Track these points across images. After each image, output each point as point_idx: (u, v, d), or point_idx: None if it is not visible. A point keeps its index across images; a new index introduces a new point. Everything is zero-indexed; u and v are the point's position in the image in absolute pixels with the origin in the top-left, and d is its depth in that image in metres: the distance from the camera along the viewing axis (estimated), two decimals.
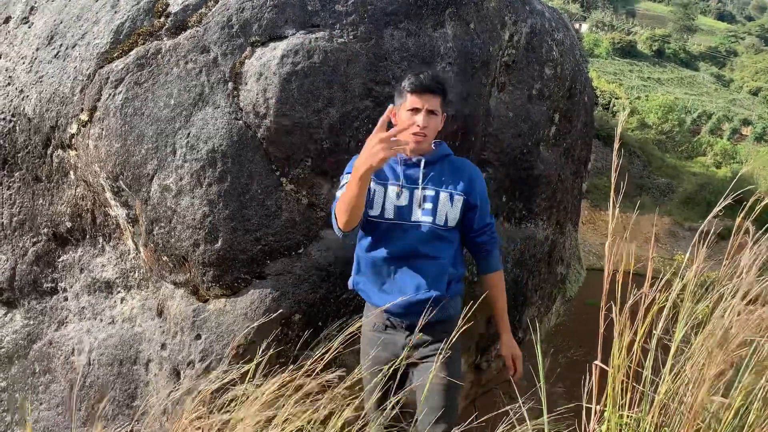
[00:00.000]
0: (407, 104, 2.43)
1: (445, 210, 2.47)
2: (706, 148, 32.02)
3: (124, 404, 3.12)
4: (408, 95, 2.43)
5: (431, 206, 2.46)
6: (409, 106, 2.42)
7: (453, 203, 2.48)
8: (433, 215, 2.46)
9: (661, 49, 55.06)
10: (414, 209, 2.46)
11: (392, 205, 2.46)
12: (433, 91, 2.42)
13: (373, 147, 2.11)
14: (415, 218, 2.46)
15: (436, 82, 2.43)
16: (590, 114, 4.63)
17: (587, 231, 12.61)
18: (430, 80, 2.42)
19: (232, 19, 2.91)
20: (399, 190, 2.46)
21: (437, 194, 2.47)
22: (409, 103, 2.42)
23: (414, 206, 2.46)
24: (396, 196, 2.47)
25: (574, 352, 4.02)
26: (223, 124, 2.80)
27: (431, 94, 2.41)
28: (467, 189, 2.51)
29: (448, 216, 2.47)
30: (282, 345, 2.86)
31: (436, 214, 2.46)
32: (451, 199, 2.48)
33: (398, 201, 2.47)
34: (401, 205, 2.46)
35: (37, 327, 3.47)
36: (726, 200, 1.56)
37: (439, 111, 2.45)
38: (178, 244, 2.87)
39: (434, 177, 2.49)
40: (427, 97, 2.40)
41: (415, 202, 2.46)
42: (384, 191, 2.48)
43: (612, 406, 1.47)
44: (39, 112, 3.20)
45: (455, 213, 2.49)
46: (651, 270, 1.49)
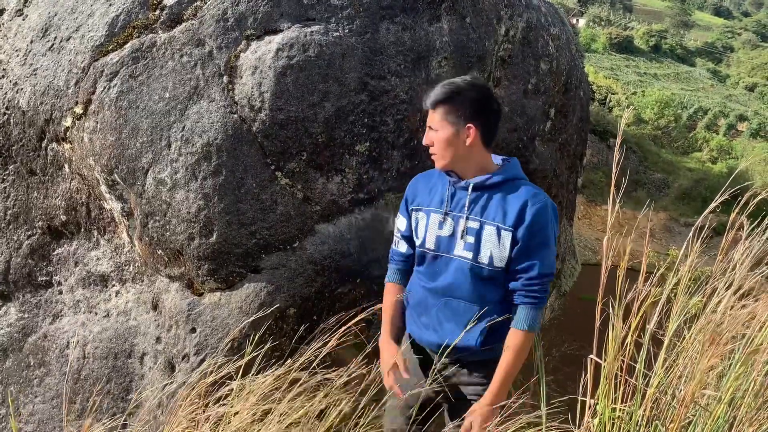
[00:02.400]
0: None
1: (489, 247, 2.11)
2: (702, 143, 32.08)
3: (119, 397, 3.12)
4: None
5: (473, 240, 2.13)
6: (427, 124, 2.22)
7: (500, 239, 2.10)
8: (474, 251, 2.13)
9: (657, 44, 55.08)
10: (456, 242, 2.16)
11: (434, 235, 2.20)
12: (430, 105, 2.16)
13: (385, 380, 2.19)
14: (456, 252, 2.16)
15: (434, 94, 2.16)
16: (586, 109, 4.63)
17: (583, 226, 12.65)
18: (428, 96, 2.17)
19: (228, 13, 2.90)
20: (442, 218, 2.18)
21: (482, 227, 2.12)
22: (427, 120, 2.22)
23: (457, 238, 2.15)
24: (438, 225, 2.19)
25: (568, 347, 4.03)
26: (218, 117, 2.80)
27: (430, 110, 2.17)
28: (517, 221, 2.09)
29: (493, 254, 2.10)
30: (277, 339, 2.86)
31: (479, 251, 2.12)
32: (498, 235, 2.10)
33: (440, 231, 2.19)
34: (443, 236, 2.18)
35: (32, 320, 3.47)
36: (722, 197, 1.57)
37: (440, 125, 2.14)
38: (173, 238, 2.87)
39: (481, 205, 2.14)
40: (429, 113, 2.18)
41: (458, 234, 2.15)
42: (426, 220, 2.23)
43: (605, 400, 1.48)
44: (33, 105, 3.18)
45: (503, 251, 2.10)
46: (645, 265, 1.49)
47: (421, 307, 2.28)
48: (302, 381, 1.95)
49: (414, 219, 2.28)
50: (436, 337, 2.21)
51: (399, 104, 3.00)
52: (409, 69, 3.05)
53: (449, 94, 2.14)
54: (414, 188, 2.33)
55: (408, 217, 2.32)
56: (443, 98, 2.14)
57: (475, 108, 2.13)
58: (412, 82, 3.04)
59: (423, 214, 2.25)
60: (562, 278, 4.68)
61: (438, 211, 2.20)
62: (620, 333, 1.48)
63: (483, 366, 2.23)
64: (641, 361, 1.47)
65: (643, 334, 1.51)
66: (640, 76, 46.09)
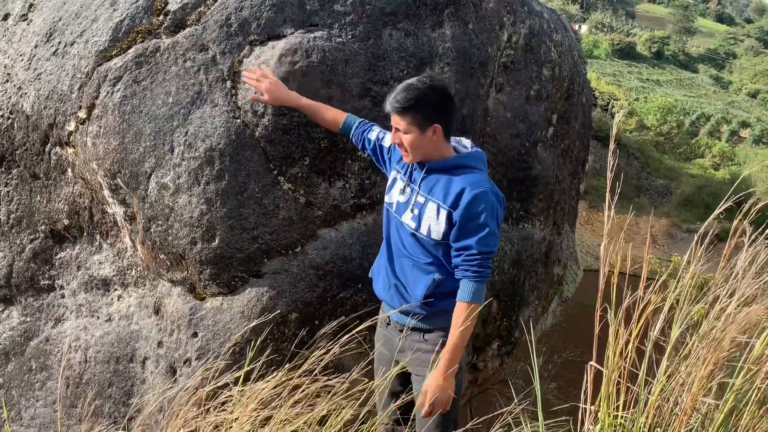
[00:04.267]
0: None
1: (429, 221, 2.37)
2: (705, 149, 32.06)
3: (121, 402, 3.12)
4: None
5: (417, 212, 2.40)
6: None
7: (438, 216, 2.35)
8: (417, 223, 2.40)
9: (660, 50, 55.10)
10: (406, 210, 2.45)
11: (395, 198, 2.50)
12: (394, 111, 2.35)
13: None
14: (404, 219, 2.45)
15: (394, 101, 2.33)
16: (588, 115, 4.64)
17: (585, 232, 12.64)
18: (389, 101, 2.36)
19: (231, 18, 2.91)
20: (403, 186, 2.47)
21: (425, 202, 2.39)
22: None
23: (408, 206, 2.44)
24: (400, 191, 2.49)
25: (570, 353, 4.03)
26: (221, 122, 2.81)
27: (395, 115, 2.36)
28: (455, 202, 2.33)
29: (431, 228, 2.36)
30: (279, 343, 2.86)
31: (420, 223, 2.39)
32: (437, 212, 2.36)
33: (400, 196, 2.48)
34: (401, 202, 2.47)
35: (34, 324, 3.47)
36: (726, 203, 1.57)
37: (407, 129, 2.34)
38: (175, 242, 2.87)
39: (429, 185, 2.40)
40: (393, 117, 2.37)
41: (410, 204, 2.44)
42: (394, 183, 2.53)
43: (606, 407, 1.47)
44: (37, 109, 3.20)
45: (440, 227, 2.35)
46: (646, 271, 1.49)
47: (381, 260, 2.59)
48: (303, 387, 1.94)
49: (392, 177, 2.56)
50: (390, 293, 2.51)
51: None
52: (412, 75, 3.04)
53: (414, 101, 2.33)
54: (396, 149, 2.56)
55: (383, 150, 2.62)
56: (408, 105, 2.33)
57: (438, 109, 2.36)
58: None
59: (398, 177, 2.53)
60: (564, 284, 4.67)
61: (403, 179, 2.49)
62: (621, 340, 1.48)
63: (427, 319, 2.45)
64: (643, 369, 1.47)
65: (645, 340, 1.51)
66: (643, 83, 46.08)
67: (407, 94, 2.32)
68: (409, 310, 2.46)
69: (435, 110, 2.35)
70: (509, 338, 3.85)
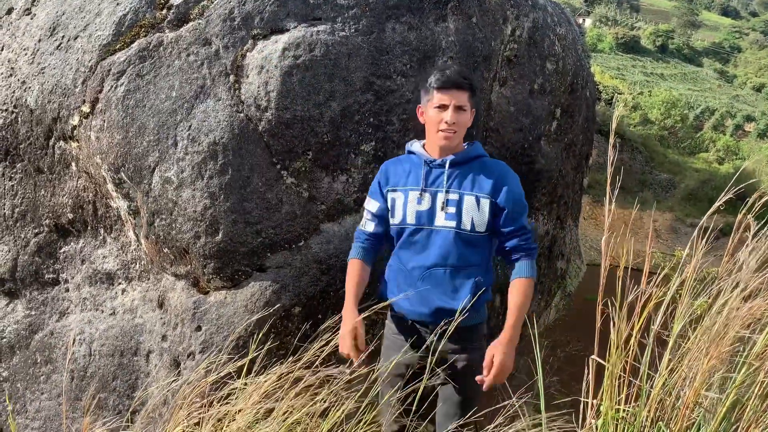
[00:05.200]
0: (435, 101, 2.34)
1: (470, 214, 2.34)
2: (709, 144, 31.94)
3: (125, 395, 3.14)
4: (435, 92, 2.34)
5: (454, 210, 2.34)
6: (436, 103, 2.33)
7: (480, 207, 2.34)
8: (456, 220, 2.34)
9: (664, 44, 54.84)
10: (437, 214, 2.36)
11: (414, 210, 2.38)
12: (460, 86, 2.32)
13: (342, 346, 2.31)
14: (438, 223, 2.36)
15: (462, 77, 2.35)
16: (592, 109, 4.62)
17: (589, 226, 12.61)
18: (456, 75, 2.33)
19: (234, 12, 2.91)
20: (420, 195, 2.37)
21: (461, 197, 2.35)
22: (436, 100, 2.33)
23: (436, 210, 2.36)
24: (417, 201, 2.38)
25: (573, 347, 4.03)
26: (224, 116, 2.81)
27: (458, 90, 2.32)
28: (494, 190, 2.35)
29: (474, 220, 2.34)
30: (282, 337, 2.87)
31: (460, 218, 2.34)
32: (477, 203, 2.34)
33: (419, 206, 2.38)
34: (422, 210, 2.37)
35: (39, 317, 3.49)
36: (726, 195, 1.57)
37: (467, 106, 2.35)
38: (179, 236, 2.88)
39: (459, 179, 2.37)
40: (454, 92, 2.31)
41: (438, 206, 2.36)
42: (404, 198, 2.40)
43: (608, 401, 1.48)
44: (41, 103, 3.20)
45: (483, 217, 2.35)
46: (648, 265, 1.49)
47: (404, 283, 2.42)
48: (305, 379, 1.95)
49: (390, 199, 2.45)
50: (427, 307, 2.37)
51: (405, 104, 3.00)
52: (415, 69, 3.05)
53: (473, 81, 2.39)
54: (386, 172, 2.51)
55: (383, 199, 2.48)
56: (472, 84, 2.38)
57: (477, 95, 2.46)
58: (417, 82, 3.04)
59: (400, 194, 2.42)
60: (568, 278, 4.67)
61: (415, 188, 2.39)
62: (623, 333, 1.48)
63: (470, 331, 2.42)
64: (645, 362, 1.47)
65: (647, 334, 1.51)
66: (647, 76, 45.92)
67: (466, 73, 2.41)
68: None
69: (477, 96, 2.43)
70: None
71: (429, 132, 2.42)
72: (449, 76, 2.33)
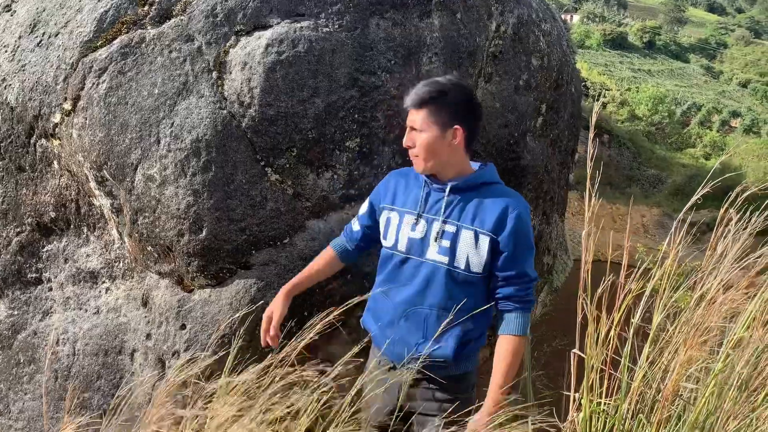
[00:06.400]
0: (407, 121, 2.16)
1: (466, 251, 2.05)
2: (696, 139, 32.23)
3: (109, 394, 3.11)
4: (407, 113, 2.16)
5: (449, 244, 2.07)
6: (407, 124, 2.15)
7: (478, 244, 2.04)
8: (450, 256, 2.07)
9: (651, 40, 55.20)
10: (429, 245, 2.09)
11: (406, 237, 2.13)
12: (413, 104, 2.09)
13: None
14: (430, 256, 2.09)
15: (414, 94, 2.09)
16: (577, 105, 4.64)
17: (576, 222, 12.67)
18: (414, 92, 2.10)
19: (217, 8, 2.89)
20: (415, 220, 2.12)
21: (458, 231, 2.06)
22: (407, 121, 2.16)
23: (430, 241, 2.09)
24: (411, 227, 2.13)
25: (559, 342, 4.05)
26: (207, 113, 2.79)
27: (415, 108, 2.10)
28: (497, 226, 2.04)
29: (470, 259, 2.05)
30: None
31: (454, 255, 2.06)
32: (475, 239, 2.04)
33: (413, 233, 2.12)
34: (415, 238, 2.12)
35: (22, 317, 3.46)
36: (704, 188, 1.58)
37: (424, 126, 2.07)
38: (162, 234, 2.86)
39: (459, 209, 2.09)
40: (412, 112, 2.11)
41: (431, 236, 2.09)
42: (399, 220, 2.17)
43: (588, 394, 1.49)
44: (22, 101, 3.17)
45: (480, 257, 2.05)
46: (627, 258, 1.50)
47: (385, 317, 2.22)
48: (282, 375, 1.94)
49: (385, 218, 2.24)
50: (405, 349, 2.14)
51: (389, 100, 3.00)
52: (400, 65, 3.04)
53: (436, 94, 2.07)
54: (387, 184, 2.32)
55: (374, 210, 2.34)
56: (429, 98, 2.07)
57: (461, 109, 2.10)
58: (402, 78, 3.03)
59: (396, 214, 2.20)
60: (554, 274, 4.69)
61: (411, 212, 2.15)
62: (603, 327, 1.49)
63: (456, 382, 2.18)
64: (625, 355, 1.48)
65: (627, 328, 1.52)
66: (634, 73, 46.19)
67: (429, 87, 2.08)
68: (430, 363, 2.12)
69: (458, 110, 2.09)
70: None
71: None
72: (409, 94, 2.11)
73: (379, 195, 2.33)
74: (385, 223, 2.23)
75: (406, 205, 2.18)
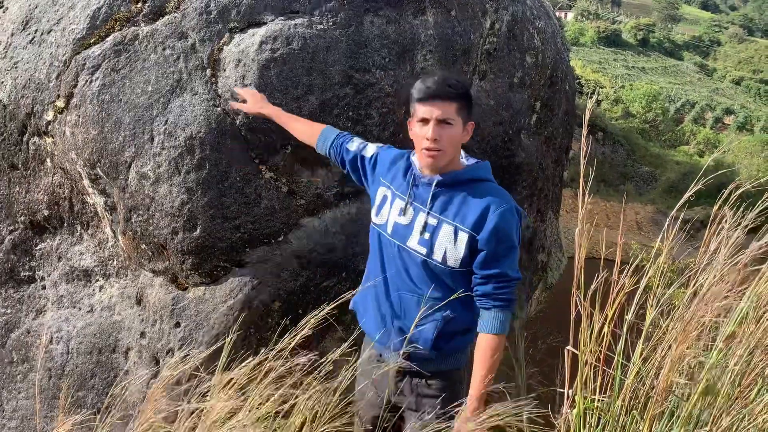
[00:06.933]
0: (417, 114, 2.07)
1: (444, 246, 2.06)
2: (690, 137, 32.35)
3: (104, 393, 3.11)
4: (417, 104, 2.07)
5: (429, 236, 2.08)
6: (419, 117, 2.06)
7: (456, 240, 2.04)
8: (428, 248, 2.08)
9: (645, 38, 55.34)
10: (412, 233, 2.11)
11: (394, 220, 2.16)
12: (445, 96, 2.02)
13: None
14: (410, 244, 2.11)
15: (448, 85, 2.04)
16: (571, 102, 4.65)
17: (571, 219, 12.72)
18: (440, 83, 2.03)
19: (210, 5, 2.88)
20: (404, 206, 2.13)
21: (439, 225, 2.07)
22: (419, 114, 2.06)
23: (414, 230, 2.11)
24: (399, 212, 2.14)
25: (553, 338, 4.07)
26: (201, 111, 2.78)
27: (442, 101, 2.02)
28: (477, 224, 2.03)
29: (447, 254, 2.06)
30: (262, 332, 2.86)
31: (433, 247, 2.07)
32: (455, 235, 2.05)
33: (400, 218, 2.14)
34: (401, 224, 2.14)
35: (15, 315, 3.44)
36: (697, 185, 1.58)
37: (455, 119, 2.04)
38: (156, 232, 2.85)
39: (442, 203, 2.09)
40: (437, 104, 2.01)
41: (416, 227, 2.10)
42: (391, 203, 2.18)
43: (582, 391, 1.49)
44: (14, 98, 3.15)
45: (458, 252, 2.05)
46: (620, 255, 1.50)
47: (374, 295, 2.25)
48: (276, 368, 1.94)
49: (381, 194, 2.23)
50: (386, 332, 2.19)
51: (384, 97, 2.99)
52: (394, 62, 3.04)
53: (465, 89, 2.09)
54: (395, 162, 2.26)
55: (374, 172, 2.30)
56: (464, 91, 2.08)
57: (472, 106, 2.12)
58: (396, 76, 3.03)
59: (390, 195, 2.19)
60: (549, 271, 4.70)
61: (402, 197, 2.15)
62: (597, 324, 1.49)
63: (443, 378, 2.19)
64: (619, 352, 1.49)
65: (621, 324, 1.53)
66: (628, 70, 46.31)
67: (459, 80, 2.08)
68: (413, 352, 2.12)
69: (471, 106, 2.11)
70: None
71: (416, 149, 2.15)
72: (430, 85, 2.03)
73: (385, 166, 2.28)
74: (381, 200, 2.23)
75: (399, 189, 2.19)
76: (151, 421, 1.81)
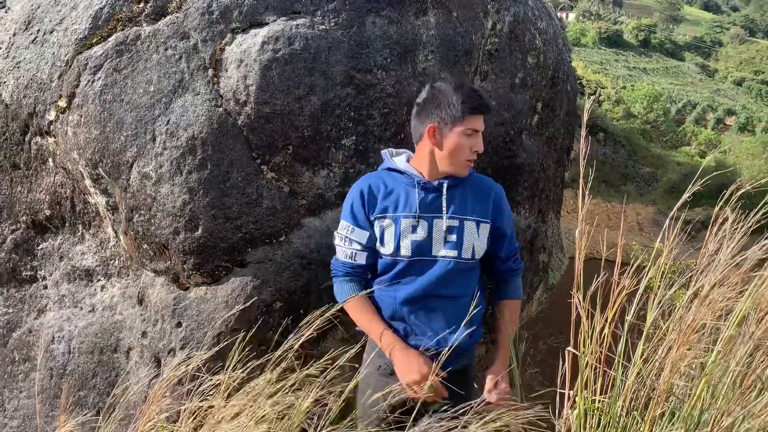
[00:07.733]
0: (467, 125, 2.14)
1: (471, 241, 2.16)
2: (691, 137, 32.33)
3: (105, 392, 3.11)
4: (470, 116, 2.14)
5: (455, 238, 2.15)
6: (468, 128, 2.14)
7: (480, 233, 2.17)
8: (457, 248, 2.15)
9: (647, 38, 55.30)
10: (435, 243, 2.16)
11: (408, 240, 2.16)
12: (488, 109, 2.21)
13: (408, 378, 2.00)
14: (437, 252, 2.15)
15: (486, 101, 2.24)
16: (573, 103, 4.65)
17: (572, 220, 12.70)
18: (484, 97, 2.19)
19: (212, 5, 2.88)
20: (415, 223, 2.16)
21: (462, 224, 2.16)
22: (470, 125, 2.14)
23: (435, 239, 2.15)
24: (411, 230, 2.16)
25: (554, 339, 4.07)
26: (203, 111, 2.79)
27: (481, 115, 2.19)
28: (494, 214, 2.21)
29: (475, 248, 2.17)
30: (263, 333, 2.86)
31: (461, 247, 2.15)
32: (477, 228, 2.17)
33: (415, 235, 2.16)
34: (419, 240, 2.16)
35: (17, 315, 3.45)
36: (695, 186, 1.59)
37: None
38: (158, 232, 2.86)
39: (457, 203, 2.18)
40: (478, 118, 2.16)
41: (436, 234, 2.15)
42: (396, 226, 2.19)
43: (582, 392, 1.50)
44: (17, 98, 3.16)
45: (482, 243, 2.19)
46: (621, 255, 1.51)
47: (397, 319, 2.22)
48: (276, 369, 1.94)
49: (378, 227, 2.24)
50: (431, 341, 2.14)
51: (386, 98, 3.00)
52: (396, 63, 3.05)
53: None
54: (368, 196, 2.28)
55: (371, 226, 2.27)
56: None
57: None
58: (398, 76, 3.04)
59: (390, 221, 2.20)
60: (550, 271, 4.70)
61: (408, 215, 2.17)
62: (598, 325, 1.49)
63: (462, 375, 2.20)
64: (620, 353, 1.49)
65: (621, 325, 1.53)
66: (630, 71, 46.27)
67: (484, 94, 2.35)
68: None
69: None
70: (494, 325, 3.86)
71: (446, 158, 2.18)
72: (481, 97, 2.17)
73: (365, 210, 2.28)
74: (380, 234, 2.24)
75: (399, 210, 2.20)
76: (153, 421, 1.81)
